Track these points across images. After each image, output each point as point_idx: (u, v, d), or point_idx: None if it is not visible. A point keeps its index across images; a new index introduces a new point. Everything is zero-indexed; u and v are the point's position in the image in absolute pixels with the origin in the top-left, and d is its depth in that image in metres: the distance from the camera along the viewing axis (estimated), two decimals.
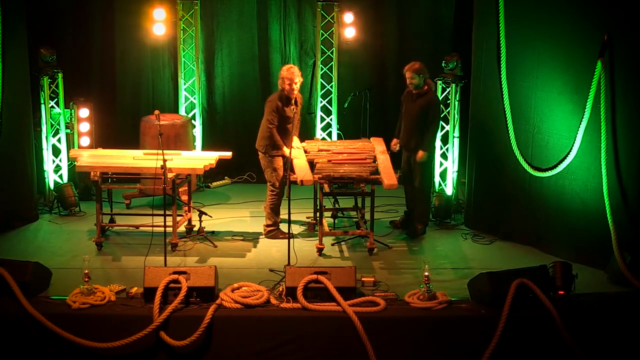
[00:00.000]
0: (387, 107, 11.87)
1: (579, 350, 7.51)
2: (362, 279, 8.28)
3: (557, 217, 9.15)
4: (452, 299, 7.91)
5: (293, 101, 9.51)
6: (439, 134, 10.60)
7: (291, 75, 9.42)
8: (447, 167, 10.59)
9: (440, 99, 10.05)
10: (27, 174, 10.07)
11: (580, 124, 8.71)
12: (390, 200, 10.64)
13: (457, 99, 10.39)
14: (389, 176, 9.05)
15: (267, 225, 9.68)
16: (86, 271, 7.83)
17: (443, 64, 10.42)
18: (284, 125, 9.44)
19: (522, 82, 9.29)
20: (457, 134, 10.47)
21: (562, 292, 7.90)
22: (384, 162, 9.44)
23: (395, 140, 9.87)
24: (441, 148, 10.66)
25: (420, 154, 9.51)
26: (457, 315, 7.74)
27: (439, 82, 10.53)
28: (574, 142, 8.81)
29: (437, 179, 10.72)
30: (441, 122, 10.53)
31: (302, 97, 10.93)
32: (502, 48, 9.34)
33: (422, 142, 9.50)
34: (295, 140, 9.81)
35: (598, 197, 8.68)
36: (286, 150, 9.30)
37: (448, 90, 10.48)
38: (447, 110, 10.54)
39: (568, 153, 8.89)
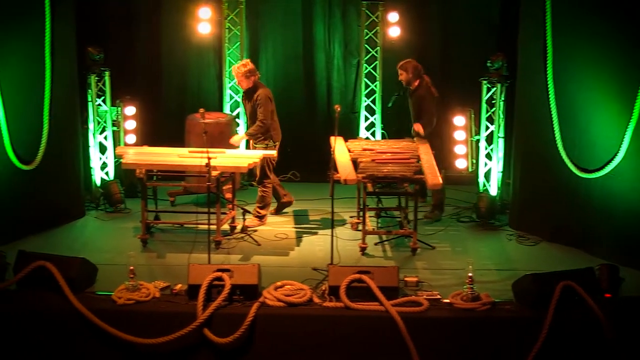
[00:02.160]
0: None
1: (625, 355, 7.41)
2: (405, 279, 8.25)
3: (604, 219, 9.03)
4: (496, 301, 7.85)
5: (245, 95, 9.96)
6: (483, 134, 10.53)
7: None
8: (491, 168, 10.51)
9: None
10: (75, 171, 10.21)
11: (628, 124, 8.59)
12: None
13: (502, 99, 10.30)
14: (433, 176, 9.01)
15: None
16: (131, 267, 7.91)
17: (488, 64, 10.33)
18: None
19: (569, 82, 9.19)
20: (502, 134, 10.38)
21: (608, 295, 7.81)
22: (428, 161, 9.40)
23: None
24: (486, 148, 10.59)
25: (417, 125, 10.12)
26: (501, 316, 7.68)
27: (484, 82, 10.46)
28: (621, 143, 8.69)
29: (481, 179, 10.65)
30: (487, 123, 10.50)
31: (346, 97, 11.06)
32: (549, 47, 9.25)
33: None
34: (339, 140, 9.83)
35: None
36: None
37: (493, 90, 10.39)
38: (492, 110, 10.46)
39: (615, 154, 8.77)
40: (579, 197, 9.27)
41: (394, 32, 11.46)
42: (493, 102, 10.43)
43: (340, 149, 9.72)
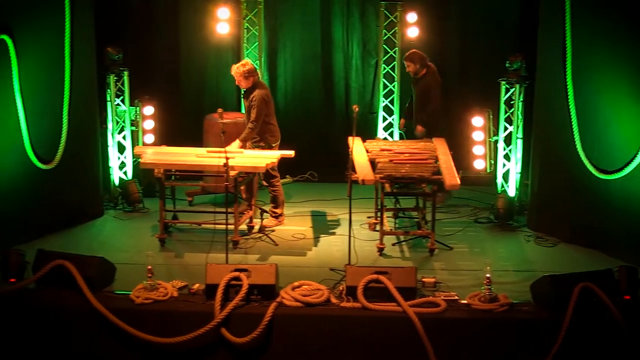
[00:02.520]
0: (449, 107, 11.80)
1: None
2: (423, 279, 8.24)
3: (624, 220, 8.97)
4: (514, 302, 7.82)
5: (245, 95, 9.87)
6: (502, 135, 10.51)
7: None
8: (509, 169, 10.47)
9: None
10: (93, 171, 10.25)
11: None
12: (452, 201, 10.63)
13: (521, 99, 10.26)
14: (451, 176, 8.99)
15: None
16: (149, 267, 7.93)
17: (507, 64, 10.31)
18: None
19: (588, 83, 9.14)
20: (520, 135, 10.34)
21: (627, 297, 7.76)
22: (446, 162, 9.38)
23: (402, 121, 11.20)
24: (504, 149, 10.56)
25: (419, 128, 10.66)
26: (519, 318, 7.65)
27: (503, 82, 10.42)
28: None
29: (499, 180, 10.62)
30: (505, 124, 10.47)
31: (364, 97, 11.01)
32: (568, 48, 9.21)
33: (420, 119, 10.62)
34: (357, 140, 9.83)
35: None
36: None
37: (512, 90, 10.36)
38: (510, 111, 10.43)
39: (635, 156, 8.72)
40: (598, 199, 9.22)
41: (413, 32, 11.45)
42: (512, 102, 10.40)
43: (358, 149, 9.71)
